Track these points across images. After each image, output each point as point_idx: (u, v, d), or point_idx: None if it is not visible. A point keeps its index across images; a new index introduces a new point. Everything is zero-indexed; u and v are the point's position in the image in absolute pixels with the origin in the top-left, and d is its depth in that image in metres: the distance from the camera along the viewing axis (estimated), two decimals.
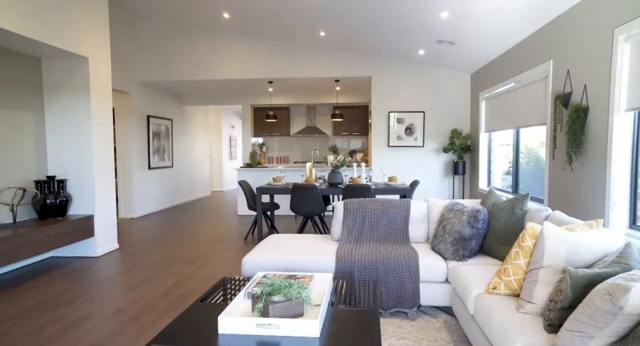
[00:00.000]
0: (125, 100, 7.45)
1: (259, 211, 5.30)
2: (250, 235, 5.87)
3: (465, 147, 6.92)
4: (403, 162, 7.37)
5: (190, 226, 6.69)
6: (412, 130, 7.32)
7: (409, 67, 7.26)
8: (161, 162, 8.55)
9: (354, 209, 3.54)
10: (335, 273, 2.96)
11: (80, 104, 4.68)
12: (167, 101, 8.90)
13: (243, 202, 7.77)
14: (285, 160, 10.29)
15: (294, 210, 5.21)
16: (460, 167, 6.98)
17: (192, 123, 10.23)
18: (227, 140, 12.94)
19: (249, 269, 3.03)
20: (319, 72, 7.32)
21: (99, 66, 4.84)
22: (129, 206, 7.53)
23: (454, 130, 7.14)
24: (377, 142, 7.41)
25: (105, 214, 4.95)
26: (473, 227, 2.93)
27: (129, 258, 4.74)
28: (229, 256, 4.78)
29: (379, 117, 7.38)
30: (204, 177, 10.92)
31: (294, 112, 10.39)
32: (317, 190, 5.08)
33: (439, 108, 7.27)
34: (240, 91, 9.28)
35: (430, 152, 7.34)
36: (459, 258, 2.93)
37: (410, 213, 3.49)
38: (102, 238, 4.88)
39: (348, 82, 8.03)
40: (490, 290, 2.23)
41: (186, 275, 4.05)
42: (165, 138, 8.76)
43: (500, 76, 5.64)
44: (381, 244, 3.36)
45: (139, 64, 7.50)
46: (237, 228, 6.46)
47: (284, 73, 7.36)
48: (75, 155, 4.71)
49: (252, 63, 7.37)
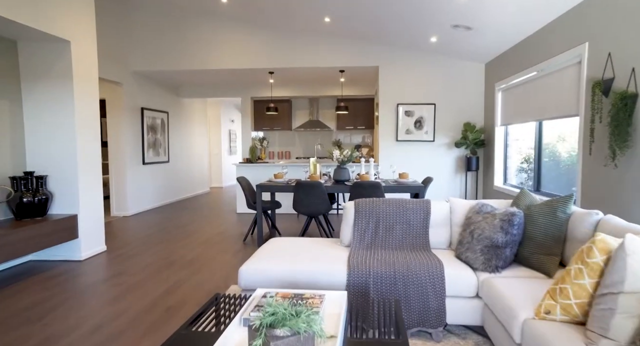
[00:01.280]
0: (117, 91, 7.01)
1: (258, 210, 4.89)
2: (249, 236, 5.46)
3: (479, 141, 6.49)
4: (412, 158, 6.94)
5: (186, 225, 6.28)
6: (422, 124, 6.88)
7: (418, 56, 6.81)
8: (156, 157, 8.13)
9: (366, 210, 3.12)
10: (348, 285, 2.54)
11: (62, 92, 4.25)
12: (162, 93, 8.47)
13: (242, 200, 7.36)
14: (287, 155, 9.87)
15: (296, 209, 4.80)
16: (473, 162, 6.55)
17: (190, 117, 9.79)
18: (226, 135, 12.51)
19: (246, 280, 2.62)
20: (323, 61, 6.87)
21: (83, 51, 4.40)
22: (122, 203, 7.12)
23: (466, 123, 6.70)
24: (385, 137, 6.98)
25: (90, 213, 4.53)
26: (507, 233, 2.51)
27: (117, 261, 4.33)
28: (226, 260, 4.37)
29: (387, 109, 6.94)
30: (202, 172, 10.50)
31: (295, 104, 9.95)
32: (322, 187, 4.66)
33: (451, 101, 6.83)
34: (239, 83, 8.83)
35: (441, 146, 6.91)
36: (492, 269, 2.51)
37: (431, 215, 3.07)
38: (87, 240, 4.47)
39: (353, 72, 7.58)
40: (541, 314, 1.81)
41: (178, 282, 3.64)
42: (161, 132, 8.33)
43: (519, 65, 5.19)
44: (398, 251, 2.95)
45: (131, 52, 7.06)
46: (236, 228, 6.05)
47: (286, 62, 6.92)
48: (57, 148, 4.29)
49: (252, 52, 6.92)
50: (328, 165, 6.30)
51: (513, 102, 5.52)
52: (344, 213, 3.21)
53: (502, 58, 5.90)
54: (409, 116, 6.90)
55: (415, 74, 6.84)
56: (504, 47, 5.66)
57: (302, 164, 7.10)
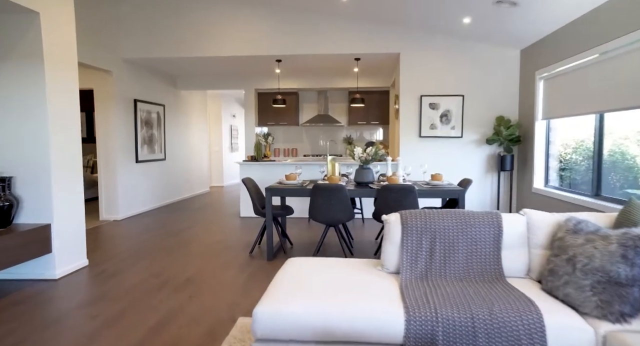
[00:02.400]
0: (107, 81, 6.25)
1: (268, 218, 4.15)
2: (257, 246, 4.72)
3: (515, 137, 5.74)
4: (437, 156, 6.19)
5: (183, 231, 5.54)
6: (449, 118, 6.14)
7: (445, 41, 6.05)
8: (151, 154, 7.39)
9: (417, 226, 2.38)
10: (406, 337, 1.80)
11: (30, 76, 3.50)
12: (158, 84, 7.71)
13: (247, 202, 6.61)
14: (294, 152, 9.12)
15: (314, 216, 4.06)
16: (507, 161, 5.81)
17: (189, 111, 9.04)
18: (227, 130, 11.76)
19: (263, 329, 1.88)
20: (338, 48, 6.11)
21: (56, 26, 3.64)
22: (112, 206, 6.38)
23: (499, 117, 5.95)
24: (406, 132, 6.23)
25: (68, 222, 3.79)
26: (634, 265, 1.77)
27: (98, 280, 3.59)
28: (230, 278, 3.64)
29: (409, 102, 6.19)
30: (202, 171, 9.76)
31: (303, 97, 9.20)
32: (345, 192, 3.92)
33: (481, 92, 6.08)
34: (242, 73, 8.07)
35: (470, 143, 6.16)
36: (615, 317, 1.77)
37: (503, 233, 2.33)
38: (63, 255, 3.73)
39: (368, 62, 6.83)
40: None
41: (170, 313, 2.91)
42: (157, 126, 7.58)
43: (569, 49, 4.44)
44: (465, 281, 2.21)
45: (122, 37, 6.29)
46: (240, 235, 5.31)
47: (295, 49, 6.16)
48: (25, 144, 3.55)
49: (257, 37, 6.16)
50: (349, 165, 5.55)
51: (560, 92, 4.77)
52: (386, 228, 2.47)
53: (544, 42, 5.15)
54: (433, 109, 6.15)
55: (442, 61, 6.09)
56: (548, 29, 4.90)
57: (316, 163, 6.33)
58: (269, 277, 3.66)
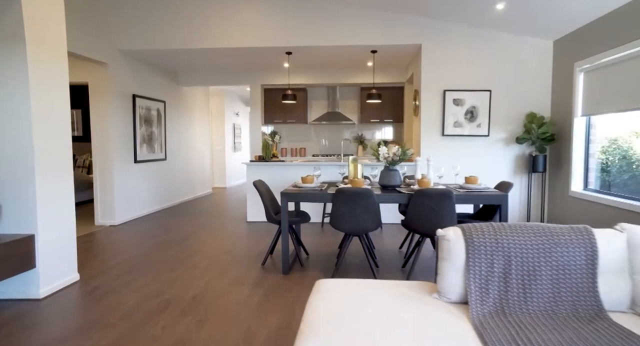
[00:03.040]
0: (103, 74, 5.76)
1: (284, 227, 3.65)
2: (269, 257, 4.22)
3: (549, 136, 5.25)
4: (462, 157, 5.70)
5: (187, 239, 5.05)
6: (475, 115, 5.65)
7: (471, 31, 5.56)
8: (151, 153, 6.89)
9: (486, 245, 1.89)
10: None
11: (8, 63, 3.00)
12: (158, 79, 7.21)
13: (254, 206, 6.12)
14: (301, 152, 8.63)
15: (336, 225, 3.57)
16: (540, 162, 5.32)
17: (190, 108, 8.54)
18: (230, 129, 11.26)
19: None
20: (353, 39, 5.62)
21: (41, 4, 3.15)
22: (109, 210, 5.89)
23: (530, 114, 5.47)
24: (428, 131, 5.74)
25: (55, 232, 3.30)
26: None
27: (91, 300, 3.10)
28: (244, 297, 3.14)
29: (430, 97, 5.70)
30: (204, 171, 9.26)
31: (312, 94, 8.70)
32: (373, 197, 3.43)
33: (510, 86, 5.59)
34: (248, 68, 7.58)
35: (498, 142, 5.67)
36: None
37: (598, 254, 1.85)
38: (49, 269, 3.24)
39: (382, 56, 6.34)
40: None
41: (176, 343, 2.41)
42: (157, 124, 7.09)
43: (618, 37, 3.96)
44: (554, 319, 1.72)
45: (119, 26, 5.80)
46: (250, 244, 4.82)
47: (307, 40, 5.67)
48: (4, 143, 3.05)
49: (265, 27, 5.67)
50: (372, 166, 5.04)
51: (606, 85, 4.28)
52: (443, 246, 1.98)
53: (584, 31, 4.66)
54: (458, 105, 5.66)
55: (467, 53, 5.60)
56: (590, 16, 4.42)
57: (333, 163, 5.83)
58: (287, 297, 3.17)
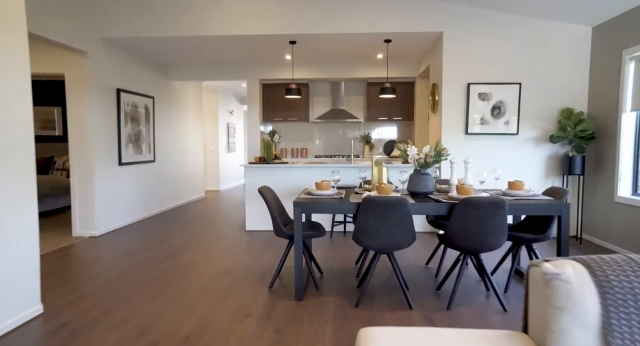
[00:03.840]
0: (81, 64, 5.05)
1: (297, 245, 3.00)
2: (276, 277, 3.53)
3: (588, 134, 4.67)
4: (488, 158, 5.10)
5: (178, 254, 4.36)
6: (502, 111, 5.05)
7: (497, 17, 4.96)
8: (138, 155, 6.19)
9: (636, 292, 1.26)
10: None
11: None
12: (146, 72, 6.51)
13: (253, 213, 5.45)
14: (303, 153, 7.97)
15: (361, 241, 2.92)
16: (577, 164, 4.74)
17: (182, 105, 7.84)
18: (224, 128, 10.57)
19: None
20: (365, 26, 4.99)
21: None
22: (88, 218, 5.18)
23: (566, 109, 4.88)
24: (449, 129, 5.12)
25: (10, 254, 2.61)
26: None
27: (54, 344, 2.41)
28: (251, 336, 2.48)
29: (453, 92, 5.09)
30: (197, 174, 8.56)
31: (314, 90, 8.05)
32: (408, 208, 2.79)
33: (542, 79, 5.00)
34: (245, 61, 6.91)
35: (528, 142, 5.08)
36: None
37: None
38: (2, 303, 2.54)
39: (393, 47, 5.71)
40: None
41: None
42: (145, 122, 6.39)
43: None
44: None
45: (102, 11, 5.10)
46: (252, 259, 4.15)
47: (314, 28, 5.03)
48: None
49: (266, 12, 5.02)
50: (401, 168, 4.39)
51: None
52: (559, 290, 1.34)
53: (635, 14, 4.09)
54: (484, 100, 5.05)
55: (494, 42, 5.00)
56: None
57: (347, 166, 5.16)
58: (306, 334, 2.51)
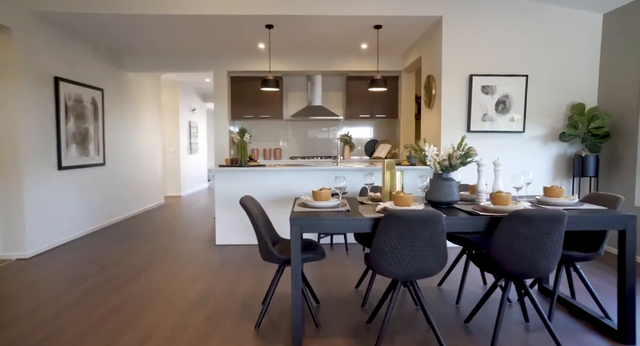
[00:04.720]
0: (3, 43, 4.05)
1: (295, 276, 2.25)
2: (264, 313, 2.75)
3: (604, 132, 4.23)
4: (491, 158, 4.57)
5: (132, 280, 3.49)
6: (508, 105, 4.53)
7: (504, 2, 4.45)
8: (84, 157, 5.20)
9: None
10: None
11: None
12: (94, 60, 5.52)
13: (224, 225, 4.64)
14: (277, 154, 7.19)
15: (381, 267, 2.22)
16: (590, 164, 4.29)
17: (138, 100, 6.85)
18: (185, 128, 9.59)
19: None
20: (354, 8, 4.33)
21: None
22: (15, 236, 4.17)
23: (577, 105, 4.43)
24: (449, 126, 4.55)
25: None
26: None
27: None
28: None
29: (453, 84, 4.52)
30: (155, 178, 7.58)
31: (288, 84, 7.30)
32: (442, 225, 2.12)
33: (550, 71, 4.54)
34: (211, 49, 6.05)
35: (534, 140, 4.59)
36: None
37: None
38: None
39: (382, 35, 5.09)
40: None
41: None
42: (92, 119, 5.39)
43: None
44: None
45: None
46: (227, 284, 3.34)
47: (294, 8, 4.31)
48: None
49: None
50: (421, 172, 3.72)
51: None
52: None
53: None
54: (487, 94, 4.52)
55: (499, 29, 4.48)
56: None
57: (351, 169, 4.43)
58: None
